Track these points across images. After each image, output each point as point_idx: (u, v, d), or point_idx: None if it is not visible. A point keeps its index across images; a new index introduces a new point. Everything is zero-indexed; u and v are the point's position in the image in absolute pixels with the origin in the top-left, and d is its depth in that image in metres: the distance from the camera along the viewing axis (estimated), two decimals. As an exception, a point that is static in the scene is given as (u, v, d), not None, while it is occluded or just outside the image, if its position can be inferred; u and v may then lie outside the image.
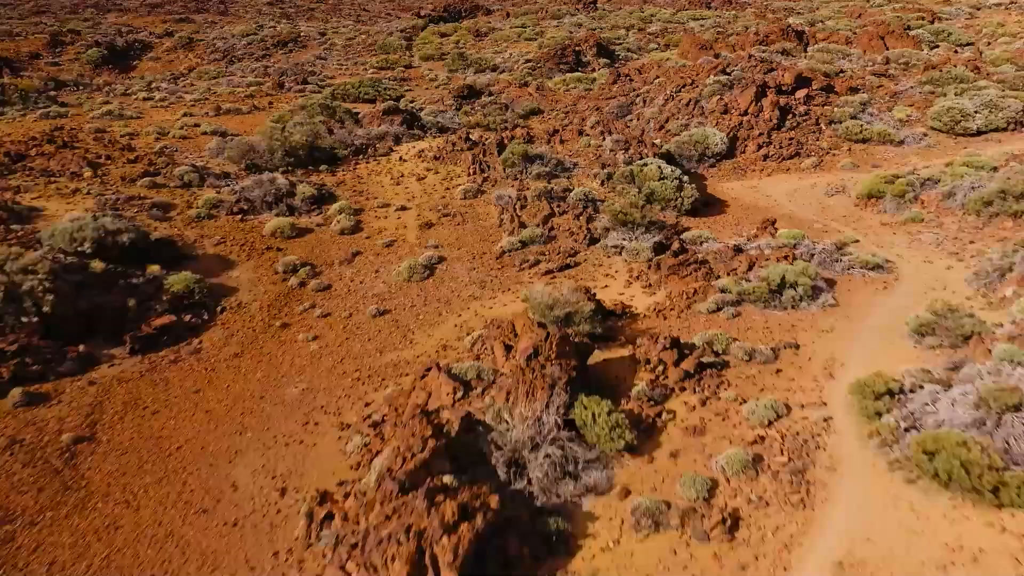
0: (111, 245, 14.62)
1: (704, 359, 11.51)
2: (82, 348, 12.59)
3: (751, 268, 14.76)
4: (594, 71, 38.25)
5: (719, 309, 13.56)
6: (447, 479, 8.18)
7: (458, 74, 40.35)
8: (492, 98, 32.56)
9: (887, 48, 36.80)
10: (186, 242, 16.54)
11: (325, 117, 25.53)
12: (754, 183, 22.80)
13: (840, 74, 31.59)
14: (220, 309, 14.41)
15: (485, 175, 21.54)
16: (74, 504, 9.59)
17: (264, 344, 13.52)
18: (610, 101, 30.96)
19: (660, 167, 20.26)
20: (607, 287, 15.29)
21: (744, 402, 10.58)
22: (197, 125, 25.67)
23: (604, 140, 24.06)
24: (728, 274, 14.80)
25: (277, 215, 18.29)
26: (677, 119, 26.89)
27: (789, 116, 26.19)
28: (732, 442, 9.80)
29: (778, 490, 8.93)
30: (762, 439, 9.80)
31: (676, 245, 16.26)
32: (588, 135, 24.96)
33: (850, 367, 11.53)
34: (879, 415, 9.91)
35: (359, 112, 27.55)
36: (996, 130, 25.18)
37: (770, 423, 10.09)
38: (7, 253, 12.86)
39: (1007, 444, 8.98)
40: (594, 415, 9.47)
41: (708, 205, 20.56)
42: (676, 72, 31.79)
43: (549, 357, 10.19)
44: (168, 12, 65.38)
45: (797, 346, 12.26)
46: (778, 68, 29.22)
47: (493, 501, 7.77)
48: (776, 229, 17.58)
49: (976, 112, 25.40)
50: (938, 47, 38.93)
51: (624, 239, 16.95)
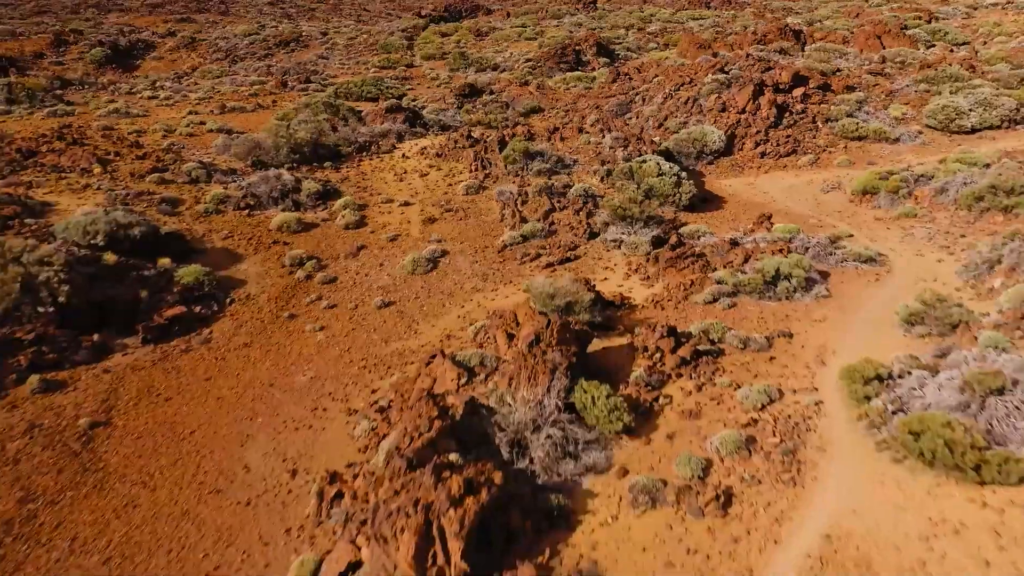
0: (123, 238, 15.01)
1: (700, 347, 11.89)
2: (96, 337, 12.98)
3: (747, 261, 15.13)
4: (594, 70, 38.61)
5: (715, 300, 13.93)
6: (453, 457, 8.57)
7: (459, 73, 40.72)
8: (493, 97, 32.92)
9: (883, 47, 37.18)
10: (195, 236, 16.93)
11: (329, 115, 25.90)
12: (751, 180, 23.17)
13: (837, 73, 31.94)
14: (229, 301, 14.80)
15: (487, 171, 21.91)
16: (93, 484, 9.98)
17: (272, 334, 13.91)
18: (610, 99, 31.33)
19: (659, 164, 20.61)
20: (606, 279, 15.67)
21: (738, 387, 10.96)
22: (203, 123, 26.07)
23: (604, 137, 24.43)
24: (724, 267, 15.17)
25: (283, 210, 18.68)
26: (676, 117, 27.26)
27: (786, 114, 26.54)
28: (726, 425, 10.18)
29: (770, 469, 9.31)
30: (755, 422, 10.18)
31: (674, 239, 16.62)
32: (588, 133, 25.33)
33: (841, 355, 11.89)
34: (868, 399, 10.29)
35: (362, 110, 27.92)
36: (990, 128, 25.51)
37: (763, 407, 10.47)
38: (23, 245, 13.24)
39: (990, 425, 9.37)
40: (593, 398, 9.85)
41: (706, 201, 20.93)
42: (675, 71, 32.15)
43: (550, 343, 10.57)
44: (169, 12, 65.73)
45: (790, 335, 12.64)
46: (776, 67, 29.55)
47: (497, 477, 8.15)
48: (772, 224, 17.95)
49: (970, 110, 25.73)
50: (934, 46, 39.30)
51: (623, 233, 17.32)
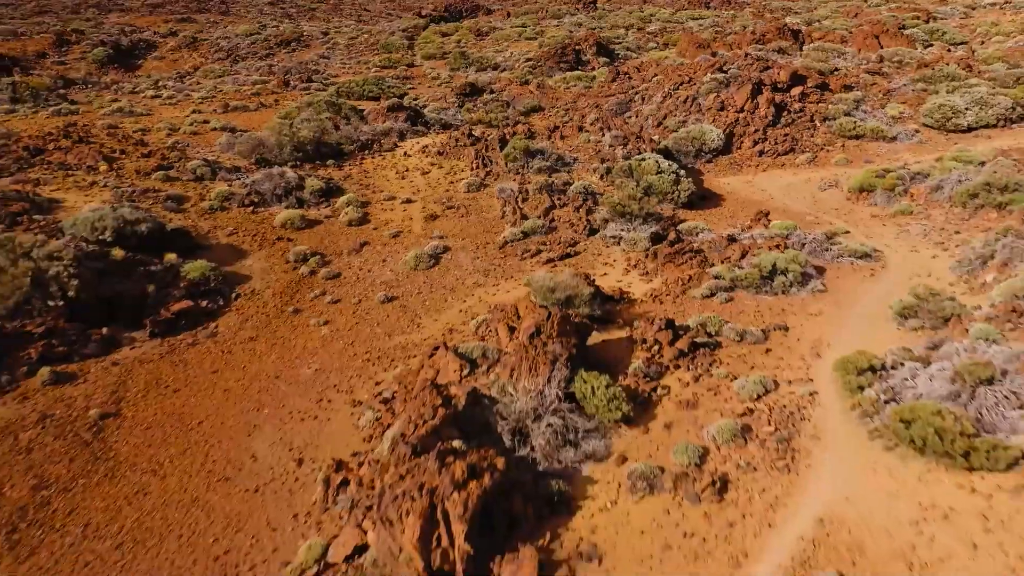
0: (130, 234, 15.26)
1: (697, 339, 12.13)
2: (105, 331, 13.22)
3: (744, 256, 15.37)
4: (594, 69, 38.83)
5: (712, 294, 14.17)
6: (456, 443, 8.80)
7: (460, 72, 40.95)
8: (494, 96, 33.14)
9: (881, 47, 37.41)
10: (200, 232, 17.17)
11: (331, 114, 26.12)
12: (749, 178, 23.41)
13: (835, 72, 32.18)
14: (235, 296, 15.03)
15: (488, 169, 22.16)
16: (104, 473, 10.22)
17: (277, 328, 14.14)
18: (609, 99, 31.57)
19: (658, 162, 20.85)
20: (606, 275, 15.91)
21: (735, 378, 11.20)
22: (206, 121, 26.32)
23: (603, 136, 24.68)
24: (722, 262, 15.41)
25: (287, 207, 18.93)
26: (675, 116, 27.49)
27: (784, 113, 26.78)
28: (723, 414, 10.42)
29: (765, 456, 9.55)
30: (751, 411, 10.42)
31: (672, 235, 16.86)
32: (588, 131, 25.57)
33: (836, 347, 12.14)
34: (861, 389, 10.53)
35: (364, 109, 28.15)
36: (986, 126, 25.75)
37: (759, 397, 10.72)
38: (33, 240, 13.48)
39: (980, 414, 9.61)
40: (593, 388, 10.09)
41: (704, 199, 21.17)
42: (674, 70, 32.38)
43: (551, 335, 10.81)
44: (170, 12, 65.94)
45: (786, 328, 12.88)
46: (774, 66, 29.79)
47: (500, 462, 8.39)
48: (769, 221, 18.20)
49: (967, 109, 25.97)
50: (932, 46, 39.55)
51: (622, 230, 17.56)
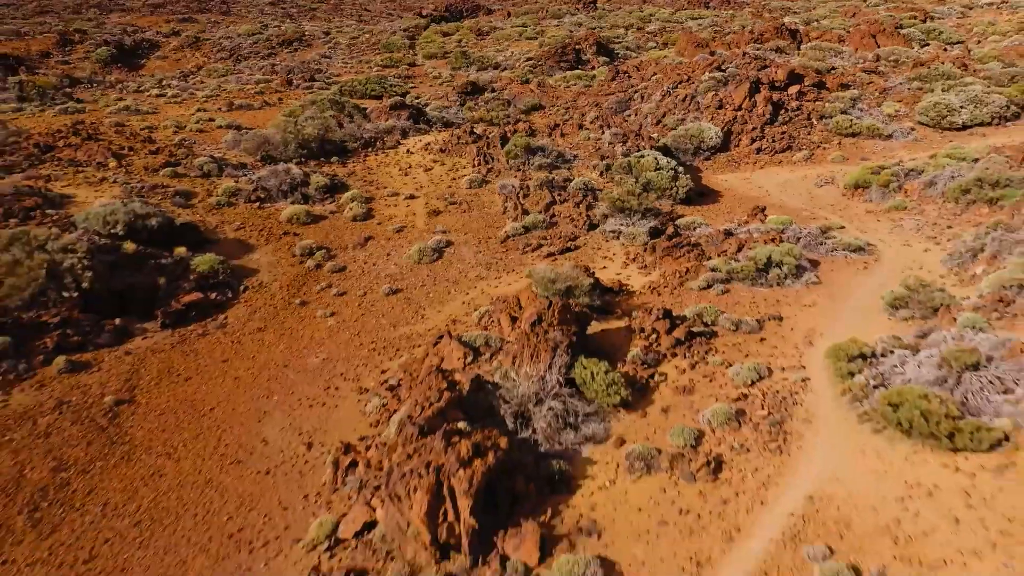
0: (140, 228, 15.62)
1: (694, 329, 12.49)
2: (118, 322, 13.59)
3: (740, 250, 15.73)
4: (594, 69, 39.20)
5: (709, 286, 14.54)
6: (461, 425, 9.17)
7: (461, 71, 41.31)
8: (495, 94, 33.51)
9: (878, 46, 37.78)
10: (208, 227, 17.54)
11: (335, 112, 26.48)
12: (747, 175, 23.78)
13: (832, 71, 32.56)
14: (243, 288, 15.40)
15: (489, 166, 22.52)
16: (120, 456, 10.59)
17: (285, 320, 14.51)
18: (609, 97, 31.94)
19: (656, 158, 21.22)
20: (605, 268, 16.27)
21: (730, 366, 11.57)
22: (212, 119, 26.69)
23: (603, 134, 25.05)
24: (719, 255, 15.78)
25: (292, 203, 19.30)
26: (674, 114, 27.86)
27: (782, 111, 27.14)
28: (718, 399, 10.80)
29: (758, 439, 9.92)
30: (745, 397, 10.79)
31: (670, 230, 17.23)
32: (588, 129, 25.95)
33: (829, 336, 12.50)
34: (852, 375, 10.90)
35: (367, 107, 28.52)
36: (981, 124, 26.13)
37: (753, 383, 11.09)
38: (47, 234, 13.85)
39: (965, 398, 9.99)
40: (593, 374, 10.45)
41: (702, 195, 21.53)
42: (673, 69, 32.75)
43: (552, 323, 11.17)
44: (171, 12, 66.27)
45: (780, 318, 13.25)
46: (772, 65, 30.16)
47: (503, 442, 8.76)
48: (766, 216, 18.57)
49: (962, 107, 26.36)
50: (928, 45, 39.91)
51: (622, 225, 17.93)
